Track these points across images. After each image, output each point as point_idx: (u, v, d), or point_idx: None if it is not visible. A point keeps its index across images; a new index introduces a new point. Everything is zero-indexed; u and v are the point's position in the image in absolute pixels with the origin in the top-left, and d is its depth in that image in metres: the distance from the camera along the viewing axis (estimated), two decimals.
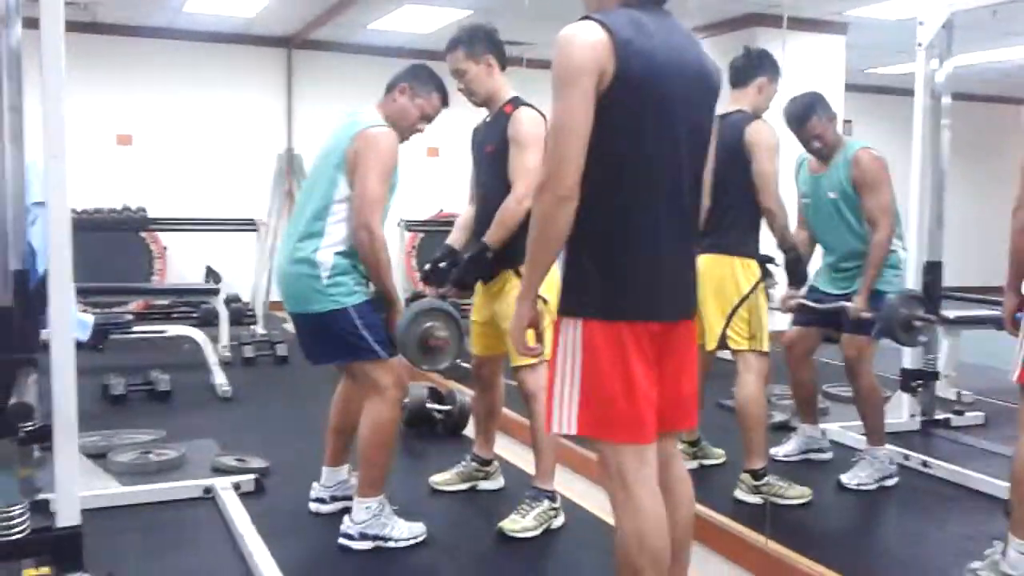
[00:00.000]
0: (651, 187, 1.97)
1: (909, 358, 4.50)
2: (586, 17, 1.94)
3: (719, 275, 3.35)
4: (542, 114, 3.19)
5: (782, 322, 4.01)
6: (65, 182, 2.03)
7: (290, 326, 8.14)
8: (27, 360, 2.04)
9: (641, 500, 1.98)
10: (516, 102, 3.21)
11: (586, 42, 1.89)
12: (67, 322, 2.09)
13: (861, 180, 3.57)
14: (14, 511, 2.07)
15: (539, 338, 2.15)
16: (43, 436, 2.09)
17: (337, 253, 2.92)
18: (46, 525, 2.13)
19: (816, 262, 3.93)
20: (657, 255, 1.99)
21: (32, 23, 2.10)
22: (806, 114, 3.60)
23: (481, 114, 3.37)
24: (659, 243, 1.99)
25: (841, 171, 3.62)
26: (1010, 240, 2.87)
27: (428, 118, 3.14)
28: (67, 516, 2.11)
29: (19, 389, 1.96)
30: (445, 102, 3.17)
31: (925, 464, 3.96)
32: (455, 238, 3.41)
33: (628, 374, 1.95)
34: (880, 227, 3.54)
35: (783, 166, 3.48)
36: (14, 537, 2.05)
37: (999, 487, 3.60)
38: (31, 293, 2.26)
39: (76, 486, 2.12)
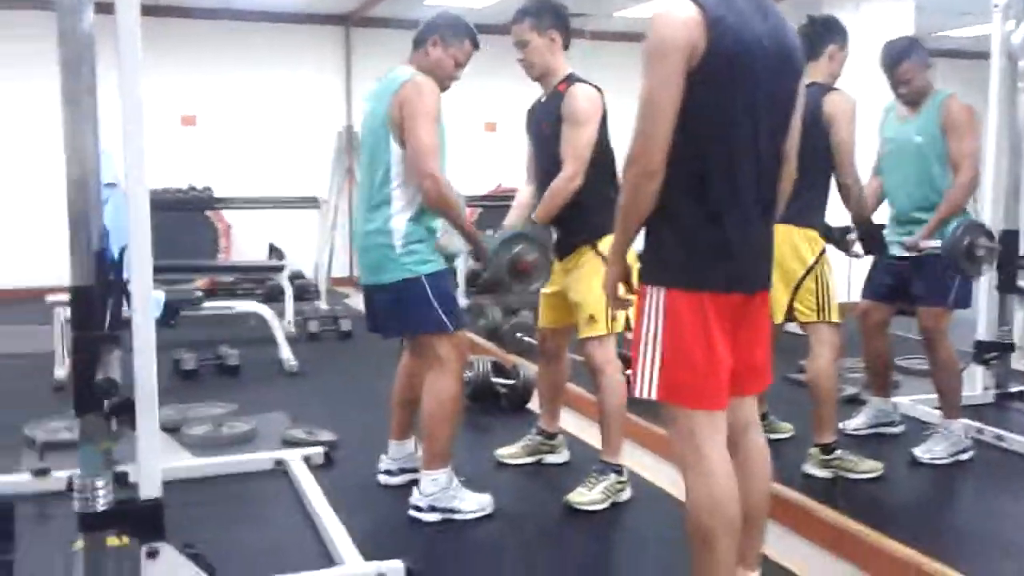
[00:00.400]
0: (735, 162, 2.01)
1: (984, 329, 4.39)
2: None
3: (782, 247, 3.28)
4: (598, 89, 3.16)
5: (856, 293, 3.93)
6: (143, 157, 2.07)
7: (351, 301, 8.26)
8: (110, 337, 2.09)
9: (713, 463, 2.01)
10: (571, 79, 3.18)
11: (678, 19, 1.93)
12: (148, 299, 2.13)
13: (949, 124, 3.53)
14: (99, 483, 2.12)
15: (628, 289, 2.24)
16: (126, 409, 2.14)
17: (410, 219, 2.94)
18: (129, 497, 2.18)
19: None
20: (739, 229, 2.03)
21: (101, 7, 2.14)
22: (899, 58, 3.56)
23: (537, 89, 3.34)
24: (742, 217, 2.04)
25: (931, 115, 3.58)
26: None
27: (462, 65, 3.12)
28: (149, 488, 2.16)
29: (104, 365, 2.01)
30: (477, 46, 3.13)
31: (1000, 438, 3.87)
32: (513, 216, 3.41)
33: (709, 342, 2.00)
34: (963, 170, 3.50)
35: (867, 118, 3.44)
36: (99, 508, 2.11)
37: None
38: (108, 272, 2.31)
39: (157, 459, 2.17)
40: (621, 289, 2.22)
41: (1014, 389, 4.58)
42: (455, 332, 3.00)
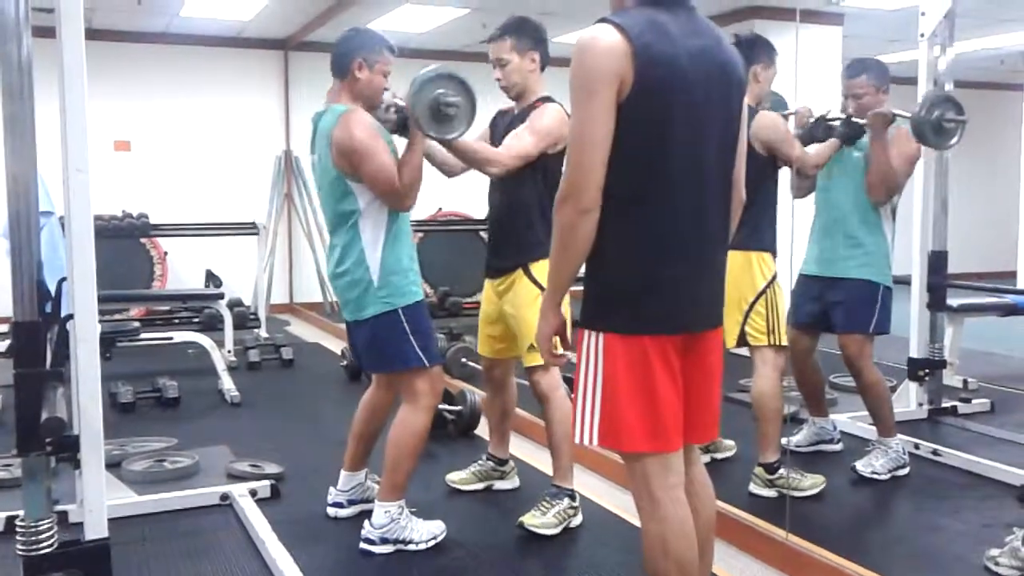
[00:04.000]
0: (676, 198, 1.91)
1: (916, 347, 4.52)
2: (603, 20, 1.87)
3: (734, 272, 3.33)
4: (567, 113, 3.18)
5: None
6: (89, 195, 2.03)
7: (292, 328, 8.14)
8: (54, 374, 2.04)
9: (665, 508, 1.97)
10: (547, 100, 3.20)
11: (603, 48, 1.83)
12: (92, 333, 2.09)
13: (894, 139, 3.58)
14: (43, 525, 2.07)
15: (564, 344, 2.12)
16: (69, 447, 2.09)
17: (383, 250, 2.90)
18: (74, 538, 2.13)
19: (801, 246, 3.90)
20: (682, 267, 1.95)
21: (39, 31, 2.11)
22: (858, 70, 3.67)
23: (485, 112, 3.33)
24: (685, 255, 1.95)
25: None
26: None
27: (389, 74, 3.05)
28: (95, 528, 2.11)
29: (48, 403, 1.96)
30: (393, 51, 3.06)
31: (936, 453, 3.99)
32: None
33: (651, 387, 1.92)
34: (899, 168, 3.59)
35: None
36: (44, 551, 2.05)
37: (1010, 474, 3.63)
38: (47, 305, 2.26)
39: (104, 498, 2.12)
40: (557, 344, 2.06)
41: (946, 404, 4.73)
42: (431, 368, 2.98)
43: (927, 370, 4.55)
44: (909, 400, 4.63)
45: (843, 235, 3.67)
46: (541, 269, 3.18)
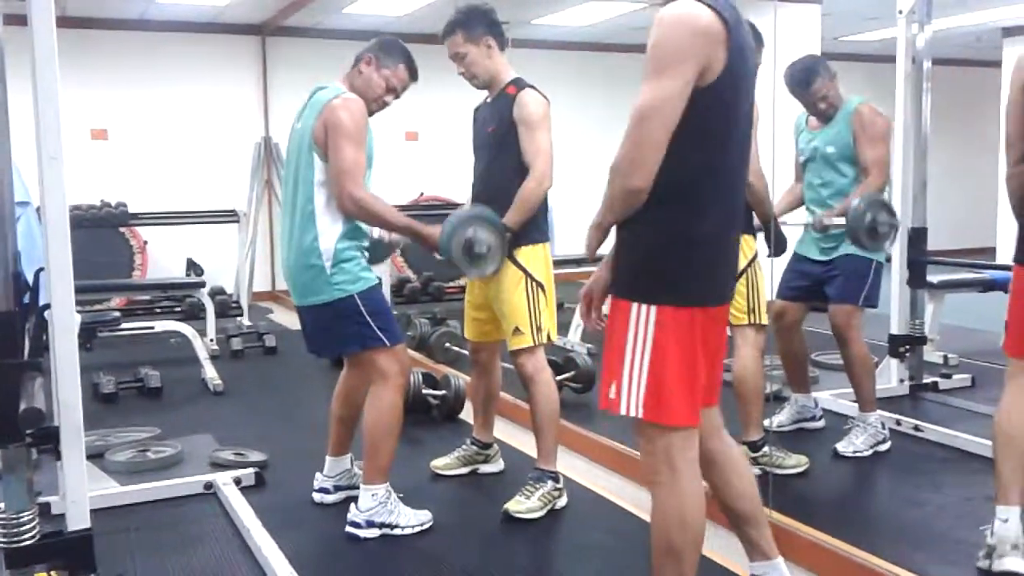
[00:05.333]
0: (727, 177, 1.95)
1: (897, 324, 4.55)
2: None
3: None
4: (544, 96, 3.18)
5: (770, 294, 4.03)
6: (63, 183, 2.00)
7: (275, 316, 8.10)
8: (32, 364, 2.02)
9: (686, 479, 1.98)
10: (519, 83, 3.19)
11: (697, 26, 1.76)
12: (70, 323, 2.06)
13: (860, 129, 3.60)
14: (24, 516, 2.05)
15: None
16: (49, 438, 2.07)
17: (338, 239, 2.91)
18: (57, 530, 2.11)
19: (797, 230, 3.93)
20: (723, 242, 2.01)
21: (10, 19, 2.07)
22: (809, 77, 3.63)
23: (464, 94, 3.34)
24: (726, 231, 2.00)
25: (841, 125, 3.67)
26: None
27: (395, 91, 3.08)
28: (77, 520, 2.09)
29: (27, 394, 1.94)
30: (414, 76, 3.10)
31: (917, 428, 4.02)
32: None
33: (694, 360, 1.95)
34: (872, 176, 3.61)
35: (783, 131, 3.50)
36: (26, 543, 2.03)
37: (991, 448, 3.66)
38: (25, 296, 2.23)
39: (86, 489, 2.10)
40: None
41: (927, 380, 4.76)
42: (394, 346, 2.98)
43: (908, 346, 4.59)
44: (890, 376, 4.66)
45: (835, 230, 3.70)
46: (525, 255, 3.18)
